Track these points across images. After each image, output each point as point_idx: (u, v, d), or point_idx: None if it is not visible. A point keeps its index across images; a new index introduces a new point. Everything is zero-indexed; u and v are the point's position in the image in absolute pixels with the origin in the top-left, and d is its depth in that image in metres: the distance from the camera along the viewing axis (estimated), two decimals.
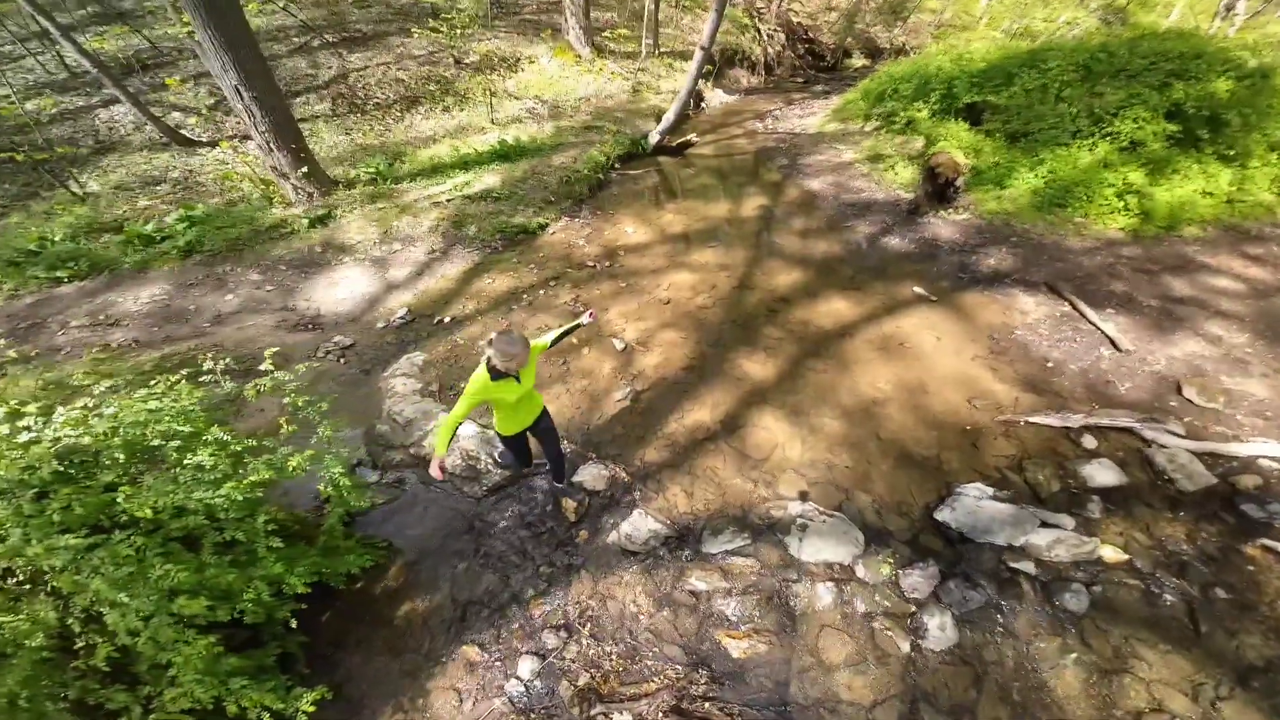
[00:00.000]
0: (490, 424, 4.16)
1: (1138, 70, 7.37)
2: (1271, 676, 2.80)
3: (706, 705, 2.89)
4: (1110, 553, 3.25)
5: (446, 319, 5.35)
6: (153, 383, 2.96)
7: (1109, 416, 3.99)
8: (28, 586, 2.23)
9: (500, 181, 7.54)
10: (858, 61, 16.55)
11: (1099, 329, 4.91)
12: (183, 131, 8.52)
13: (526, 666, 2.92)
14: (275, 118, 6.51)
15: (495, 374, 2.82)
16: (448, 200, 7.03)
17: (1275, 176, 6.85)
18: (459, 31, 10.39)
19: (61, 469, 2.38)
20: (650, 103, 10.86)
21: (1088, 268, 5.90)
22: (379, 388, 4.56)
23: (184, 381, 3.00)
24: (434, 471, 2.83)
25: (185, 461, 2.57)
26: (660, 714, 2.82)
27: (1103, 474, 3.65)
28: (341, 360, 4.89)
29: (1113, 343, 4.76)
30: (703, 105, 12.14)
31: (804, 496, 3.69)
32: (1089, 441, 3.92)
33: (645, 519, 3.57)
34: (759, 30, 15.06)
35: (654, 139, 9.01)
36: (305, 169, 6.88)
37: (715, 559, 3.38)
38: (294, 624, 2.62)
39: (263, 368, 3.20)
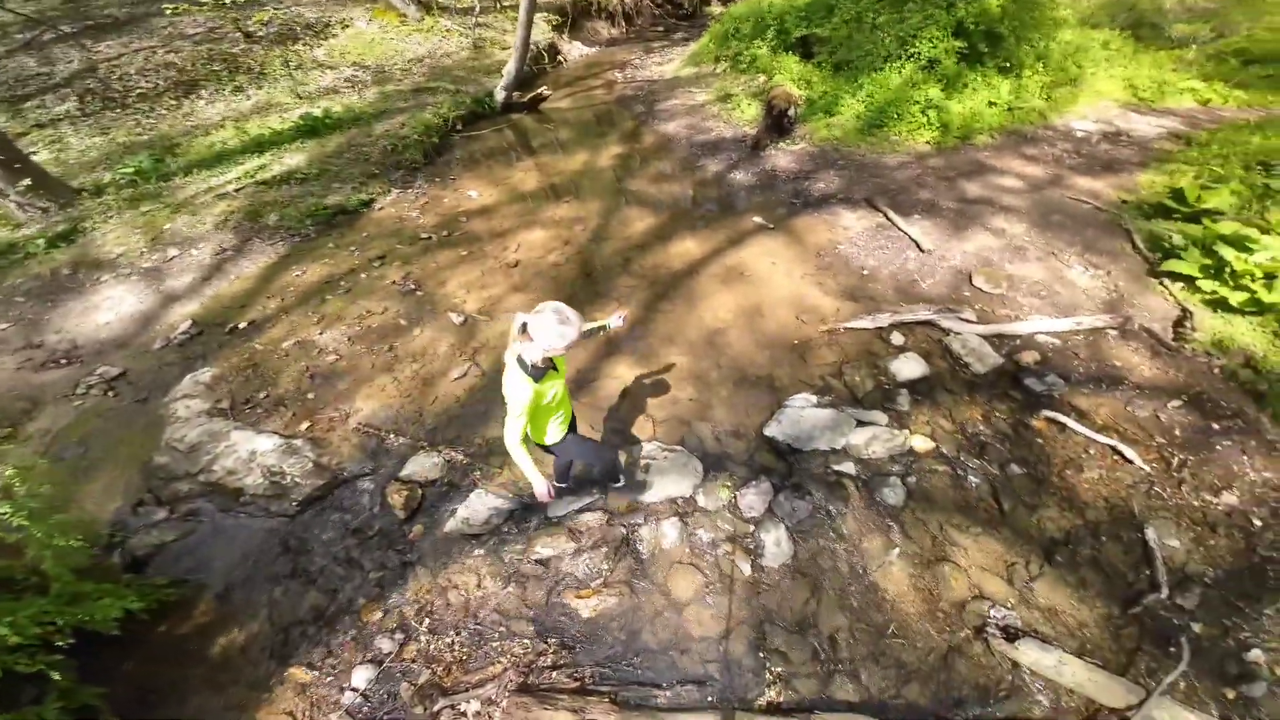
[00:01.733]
0: (296, 433, 3.48)
1: None
2: (1072, 549, 2.87)
3: (554, 675, 2.60)
4: (920, 442, 3.27)
5: (242, 325, 4.36)
6: None
7: (911, 312, 4.05)
8: None
9: (307, 160, 6.28)
10: (716, 8, 15.93)
11: (906, 234, 5.00)
12: None
13: (362, 676, 2.53)
14: None
15: (536, 371, 2.13)
16: (237, 190, 5.73)
17: (1043, 84, 7.34)
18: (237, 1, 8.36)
19: None
20: (496, 59, 9.58)
21: (900, 180, 6.00)
22: (160, 415, 3.64)
23: None
24: (547, 496, 2.39)
25: None
26: (507, 694, 2.52)
27: (909, 367, 3.68)
28: (110, 393, 3.84)
29: (917, 245, 4.86)
30: (560, 59, 11.05)
31: (652, 438, 3.41)
32: (897, 338, 3.95)
33: (484, 498, 3.13)
34: None
35: (499, 96, 7.94)
36: (28, 181, 5.28)
37: (563, 521, 3.05)
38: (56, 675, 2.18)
39: None
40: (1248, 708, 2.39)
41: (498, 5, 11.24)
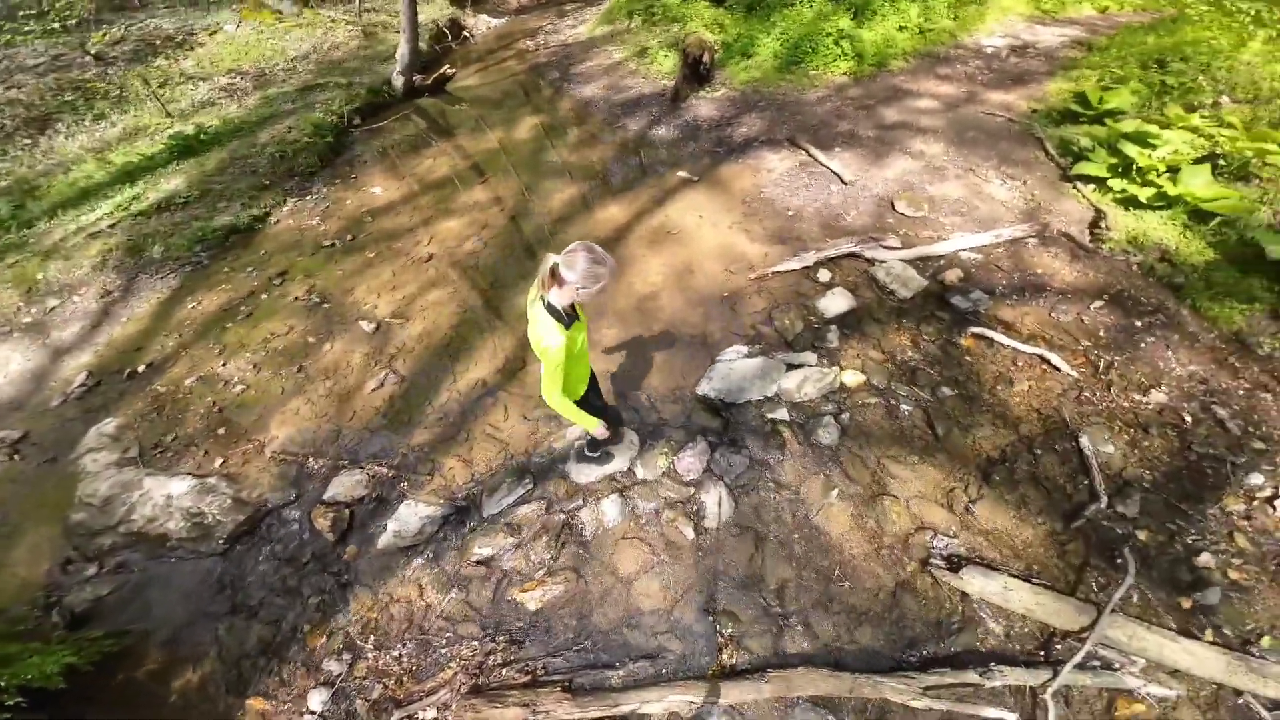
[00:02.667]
0: (210, 471, 3.17)
1: None
2: (1009, 466, 2.76)
3: (504, 672, 2.44)
4: (850, 377, 3.11)
5: (141, 368, 3.86)
6: None
7: (835, 247, 3.85)
8: None
9: (187, 183, 5.53)
10: None
11: (829, 169, 4.75)
12: None
13: (317, 699, 2.39)
14: None
15: (568, 316, 1.95)
16: (111, 226, 5.01)
17: (950, 3, 7.06)
18: (71, 22, 7.22)
19: None
20: (390, 44, 8.56)
21: (820, 115, 5.70)
22: (71, 473, 3.25)
23: None
24: (605, 431, 2.31)
25: None
26: (460, 697, 2.37)
27: (836, 303, 3.49)
28: (15, 457, 3.40)
29: (840, 178, 4.62)
30: (466, 34, 10.10)
31: None
32: (824, 275, 3.76)
33: (414, 508, 2.87)
34: None
35: (398, 82, 7.14)
36: None
37: (499, 518, 2.82)
38: None
39: None
40: (1206, 616, 2.30)
41: None
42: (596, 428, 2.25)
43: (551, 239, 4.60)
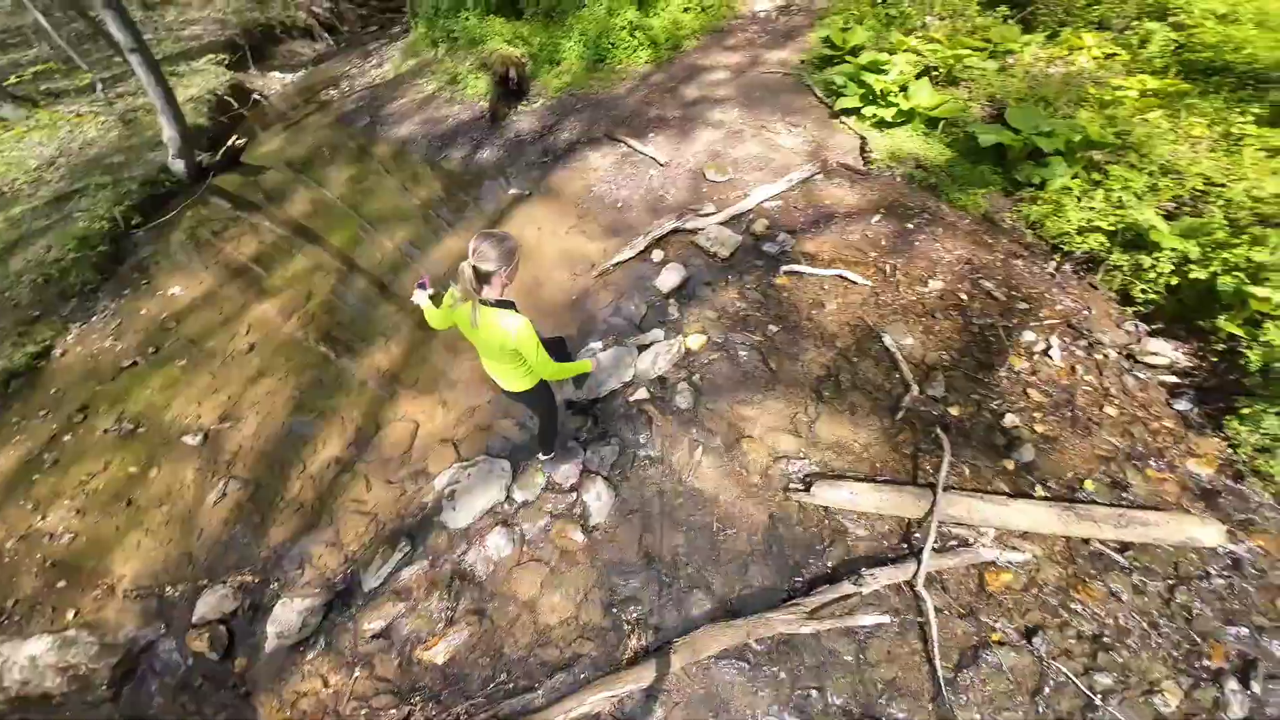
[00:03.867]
0: (65, 624, 2.76)
1: None
2: (834, 380, 2.93)
3: None
4: (694, 340, 3.24)
5: None
6: None
7: (659, 227, 4.02)
8: None
9: None
10: None
11: (645, 155, 4.92)
12: None
13: None
14: None
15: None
16: None
17: None
18: None
19: None
20: (159, 128, 7.58)
21: (632, 106, 5.85)
22: None
23: None
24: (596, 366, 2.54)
25: None
26: None
27: (670, 277, 3.62)
28: None
29: (656, 161, 4.80)
30: (257, 97, 9.15)
31: (454, 461, 3.05)
32: (657, 255, 3.88)
33: (291, 605, 2.61)
34: None
35: (177, 167, 6.22)
36: None
37: (383, 589, 2.64)
38: None
39: None
40: (1030, 474, 2.49)
41: (131, 70, 8.81)
42: (590, 369, 2.38)
43: (386, 293, 4.33)
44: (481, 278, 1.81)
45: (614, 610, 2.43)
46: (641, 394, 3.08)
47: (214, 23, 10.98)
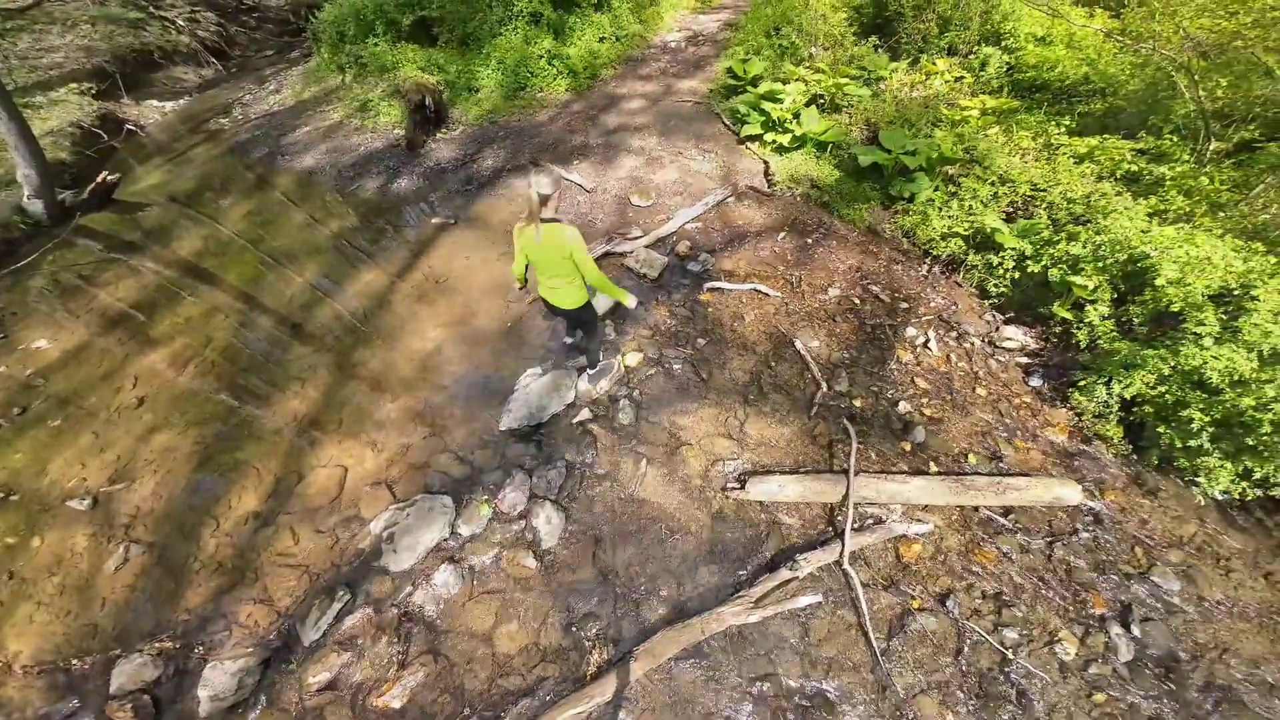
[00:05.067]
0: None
1: None
2: (758, 384, 3.18)
3: None
4: (632, 358, 3.39)
5: None
6: None
7: (591, 251, 4.12)
8: None
9: None
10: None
11: (570, 181, 5.06)
12: None
13: None
14: None
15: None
16: None
17: (632, 8, 7.89)
18: None
19: None
20: (11, 166, 6.57)
21: (555, 133, 5.99)
22: None
23: None
24: (633, 302, 2.85)
25: None
26: None
27: (605, 300, 3.75)
28: None
29: (582, 187, 4.95)
30: (133, 126, 8.13)
31: (390, 503, 2.93)
32: None
33: (219, 668, 2.37)
34: (165, 18, 10.56)
35: (35, 208, 5.40)
36: None
37: (324, 640, 2.47)
38: None
39: None
40: (924, 453, 2.86)
41: None
42: (629, 300, 2.74)
43: (299, 332, 4.03)
44: (542, 200, 2.39)
45: (574, 629, 2.46)
46: (584, 415, 3.14)
47: (79, 49, 9.70)
